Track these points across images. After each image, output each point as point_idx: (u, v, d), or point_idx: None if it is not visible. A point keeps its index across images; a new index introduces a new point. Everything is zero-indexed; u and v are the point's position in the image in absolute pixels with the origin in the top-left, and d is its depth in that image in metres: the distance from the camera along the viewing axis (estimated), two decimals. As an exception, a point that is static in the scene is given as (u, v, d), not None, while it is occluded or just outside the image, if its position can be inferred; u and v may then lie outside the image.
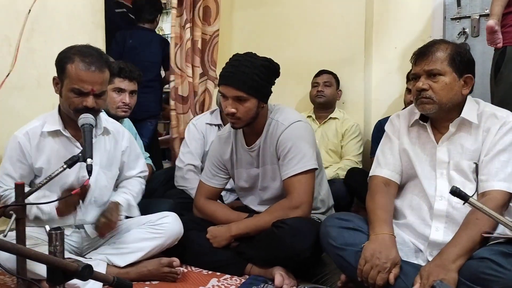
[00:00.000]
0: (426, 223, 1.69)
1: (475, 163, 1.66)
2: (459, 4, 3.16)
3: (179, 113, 3.22)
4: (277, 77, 2.01)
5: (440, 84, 1.66)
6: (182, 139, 3.15)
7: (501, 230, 1.54)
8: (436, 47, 1.69)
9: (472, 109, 1.70)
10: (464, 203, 1.41)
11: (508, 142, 1.63)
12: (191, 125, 2.79)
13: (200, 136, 2.70)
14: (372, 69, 3.42)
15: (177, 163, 2.72)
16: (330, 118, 3.24)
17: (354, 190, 2.81)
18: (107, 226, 1.87)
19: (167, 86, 3.44)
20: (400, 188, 1.82)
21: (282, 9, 3.57)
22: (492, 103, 2.09)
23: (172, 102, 3.21)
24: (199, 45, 3.25)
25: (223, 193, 2.47)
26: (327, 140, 3.19)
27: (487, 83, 2.57)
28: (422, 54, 1.70)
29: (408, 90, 2.84)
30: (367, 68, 3.39)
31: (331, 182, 2.53)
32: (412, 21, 3.27)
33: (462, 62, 1.68)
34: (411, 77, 1.78)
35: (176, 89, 3.19)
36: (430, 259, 1.60)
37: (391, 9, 3.34)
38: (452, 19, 3.20)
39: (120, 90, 2.48)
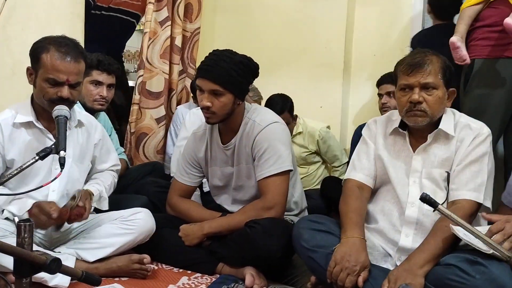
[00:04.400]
0: (396, 229, 1.72)
1: (447, 172, 1.69)
2: (437, 16, 3.22)
3: (143, 108, 3.13)
4: (256, 76, 2.02)
5: (434, 97, 1.67)
6: (141, 133, 3.13)
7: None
8: (430, 59, 1.67)
9: (449, 120, 1.73)
10: (434, 210, 1.44)
11: (480, 154, 1.67)
12: (191, 113, 2.81)
13: (199, 123, 2.68)
14: (350, 75, 3.47)
15: (178, 146, 2.72)
16: (294, 136, 3.13)
17: (330, 199, 2.78)
18: (79, 212, 1.81)
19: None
20: (373, 192, 1.84)
21: (264, 12, 3.59)
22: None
23: (137, 96, 3.11)
24: (177, 42, 3.22)
25: (203, 180, 2.43)
26: (296, 157, 3.13)
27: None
28: (417, 66, 1.66)
29: (380, 96, 2.89)
30: (346, 73, 3.43)
31: (308, 196, 2.46)
32: (391, 29, 3.34)
33: (451, 75, 1.70)
34: (402, 87, 1.71)
35: (144, 83, 3.11)
36: (398, 264, 1.62)
37: (372, 17, 3.39)
38: (430, 29, 3.26)
39: (97, 83, 2.45)
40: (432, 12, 3.03)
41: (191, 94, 3.22)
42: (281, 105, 2.95)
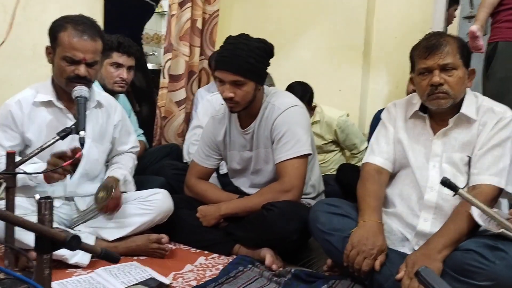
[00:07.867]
0: (414, 213, 1.70)
1: (468, 156, 1.66)
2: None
3: (169, 91, 3.15)
4: (272, 57, 1.99)
5: (455, 78, 1.63)
6: (161, 117, 3.14)
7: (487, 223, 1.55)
8: (446, 40, 1.65)
9: (471, 103, 1.69)
10: (454, 195, 1.42)
11: (503, 137, 1.63)
12: (206, 101, 2.79)
13: (212, 111, 2.66)
14: (370, 58, 3.42)
15: (190, 136, 2.73)
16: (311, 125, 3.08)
17: (346, 186, 2.70)
18: (113, 203, 1.88)
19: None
20: (392, 176, 1.82)
21: (282, -8, 3.55)
22: None
23: (165, 80, 3.13)
24: (198, 24, 3.21)
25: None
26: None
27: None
28: (434, 48, 1.63)
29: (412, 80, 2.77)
30: (366, 56, 3.38)
31: (325, 182, 2.41)
32: (413, 11, 3.26)
33: (468, 54, 1.68)
34: (421, 72, 1.69)
35: (169, 67, 3.13)
36: (416, 248, 1.61)
37: (394, -2, 3.32)
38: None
39: (118, 65, 2.46)
40: None
41: (212, 74, 3.19)
42: (300, 94, 2.77)
